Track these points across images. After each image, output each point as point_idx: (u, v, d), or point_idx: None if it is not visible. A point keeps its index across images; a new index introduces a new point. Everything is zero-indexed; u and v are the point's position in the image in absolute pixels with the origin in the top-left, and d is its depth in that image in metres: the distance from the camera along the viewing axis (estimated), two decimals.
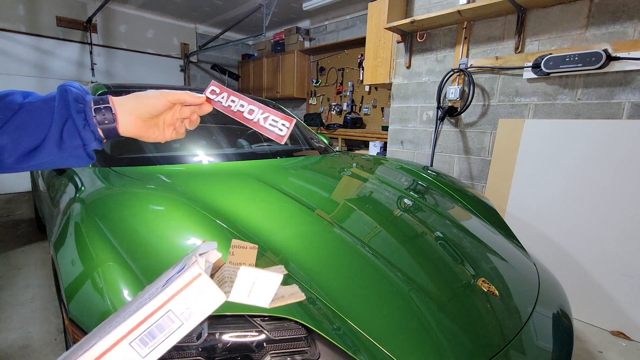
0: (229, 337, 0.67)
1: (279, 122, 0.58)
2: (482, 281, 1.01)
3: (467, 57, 2.60)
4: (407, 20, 2.65)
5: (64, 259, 0.87)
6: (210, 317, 0.69)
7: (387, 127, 3.33)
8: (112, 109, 0.55)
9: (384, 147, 3.83)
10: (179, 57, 6.01)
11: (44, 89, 4.50)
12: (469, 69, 2.56)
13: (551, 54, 2.12)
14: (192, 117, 0.61)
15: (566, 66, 2.06)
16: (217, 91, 0.61)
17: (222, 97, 0.60)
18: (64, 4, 4.78)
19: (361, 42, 4.41)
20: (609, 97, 2.02)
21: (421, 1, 2.86)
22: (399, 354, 0.71)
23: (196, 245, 0.84)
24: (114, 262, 0.76)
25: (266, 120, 0.59)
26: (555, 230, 2.10)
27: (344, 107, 5.26)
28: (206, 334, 0.66)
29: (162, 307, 0.37)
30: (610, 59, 1.94)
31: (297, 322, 0.71)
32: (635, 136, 1.83)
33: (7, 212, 3.84)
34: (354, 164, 1.85)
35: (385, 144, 3.78)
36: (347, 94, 5.15)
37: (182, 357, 0.65)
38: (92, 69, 5.10)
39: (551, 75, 2.17)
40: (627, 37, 1.93)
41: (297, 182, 1.41)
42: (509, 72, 2.39)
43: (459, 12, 2.36)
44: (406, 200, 1.44)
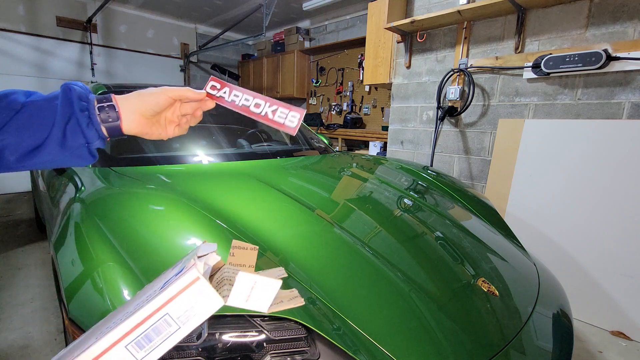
0: (229, 337, 0.67)
1: (288, 114, 0.57)
2: (482, 281, 1.01)
3: (467, 57, 2.60)
4: (407, 20, 2.65)
5: (64, 259, 0.87)
6: (210, 317, 0.69)
7: (387, 127, 3.33)
8: (115, 107, 0.54)
9: (384, 147, 3.83)
10: (179, 57, 6.01)
11: (44, 89, 4.49)
12: (469, 69, 2.56)
13: (551, 54, 2.12)
14: (195, 113, 0.61)
15: (566, 66, 2.06)
16: (218, 86, 0.60)
17: (224, 92, 0.60)
18: (64, 4, 4.78)
19: (361, 42, 4.41)
20: (609, 97, 2.02)
21: (421, 1, 2.86)
22: (399, 354, 0.71)
23: (196, 245, 0.84)
24: (114, 262, 0.76)
25: (275, 113, 0.58)
26: (555, 230, 2.10)
27: (344, 107, 5.26)
28: (206, 334, 0.66)
29: (159, 310, 0.36)
30: (610, 59, 1.94)
31: (297, 322, 0.71)
32: (635, 136, 1.83)
33: (7, 212, 3.84)
34: (354, 164, 1.85)
35: (385, 144, 3.78)
36: (347, 94, 5.15)
37: (182, 357, 0.65)
38: (92, 69, 5.10)
39: (551, 75, 2.17)
40: (627, 37, 1.93)
41: (297, 182, 1.41)
42: (509, 72, 2.39)
43: (459, 12, 2.36)
44: (406, 200, 1.44)
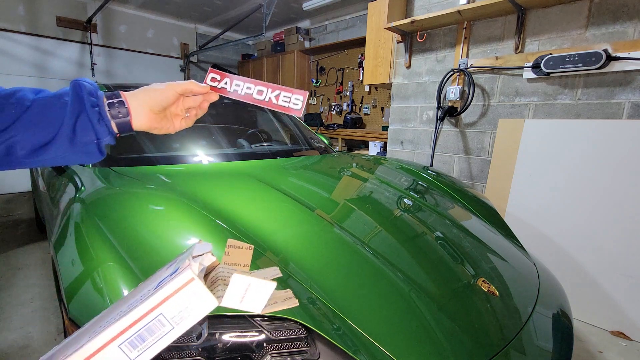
0: (229, 337, 0.67)
1: (292, 97, 0.59)
2: (482, 281, 1.01)
3: (467, 57, 2.60)
4: (407, 20, 2.65)
5: (64, 259, 0.87)
6: (210, 317, 0.69)
7: (387, 127, 3.33)
8: (124, 103, 0.55)
9: (384, 147, 3.83)
10: (179, 57, 6.01)
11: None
12: (469, 69, 2.56)
13: (551, 54, 2.12)
14: (202, 105, 0.62)
15: (566, 66, 2.05)
16: (218, 78, 0.60)
17: (226, 83, 0.60)
18: (64, 4, 4.78)
19: (361, 42, 4.41)
20: (609, 97, 2.02)
21: (421, 1, 2.86)
22: (399, 354, 0.71)
23: (195, 244, 0.84)
24: (114, 262, 0.76)
25: (278, 97, 0.59)
26: (555, 230, 2.10)
27: (344, 107, 5.26)
28: (206, 334, 0.66)
29: (153, 310, 0.36)
30: (610, 59, 1.94)
31: (297, 322, 0.71)
32: (635, 136, 1.83)
33: (7, 212, 3.84)
34: (354, 164, 1.85)
35: (385, 144, 3.78)
36: (347, 94, 5.15)
37: (182, 357, 0.65)
38: (92, 69, 5.10)
39: (551, 75, 2.17)
40: (627, 37, 1.93)
41: (297, 182, 1.41)
42: (509, 72, 2.39)
43: (459, 12, 2.36)
44: (406, 200, 1.44)
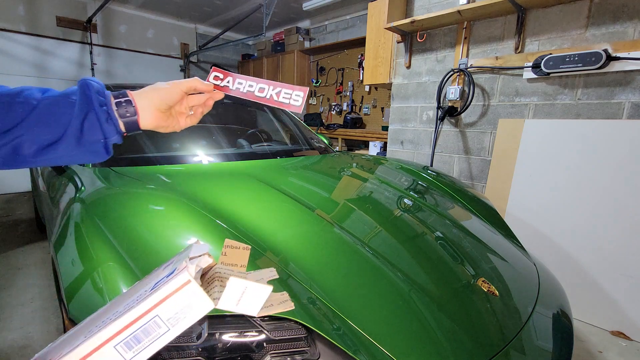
0: (229, 337, 0.67)
1: (292, 94, 0.61)
2: (482, 281, 1.01)
3: (467, 57, 2.60)
4: (407, 20, 2.65)
5: (64, 259, 0.87)
6: (210, 317, 0.69)
7: (387, 127, 3.33)
8: (132, 102, 0.55)
9: (384, 147, 3.83)
10: (179, 57, 6.01)
11: None
12: (469, 69, 2.56)
13: (551, 54, 2.12)
14: (207, 102, 0.63)
15: (566, 66, 2.05)
16: (221, 76, 0.62)
17: (228, 82, 0.62)
18: (64, 4, 4.78)
19: (361, 42, 4.41)
20: (609, 97, 2.02)
21: (421, 1, 2.86)
22: (399, 354, 0.71)
23: (197, 240, 0.84)
24: (114, 262, 0.76)
25: (279, 94, 0.61)
26: (555, 230, 2.10)
27: (344, 107, 5.26)
28: (206, 334, 0.66)
29: (149, 311, 0.36)
30: (610, 59, 1.94)
31: (297, 322, 0.71)
32: (635, 136, 1.83)
33: (7, 212, 3.84)
34: (354, 164, 1.85)
35: (385, 144, 3.78)
36: (347, 94, 5.15)
37: (182, 357, 0.65)
38: (92, 69, 5.10)
39: (551, 75, 2.17)
40: (627, 37, 1.93)
41: (297, 182, 1.41)
42: (509, 72, 2.39)
43: (459, 12, 2.36)
44: (406, 200, 1.44)
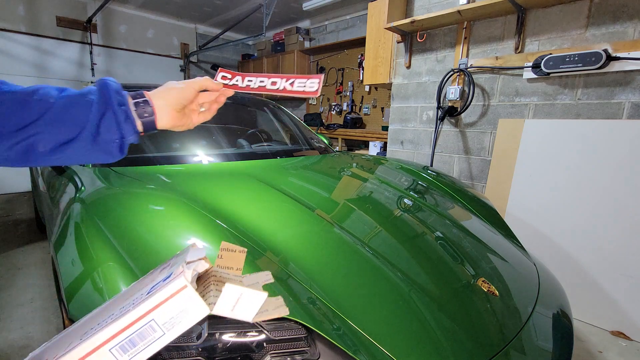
0: (229, 337, 0.67)
1: (307, 82, 0.64)
2: (482, 281, 1.01)
3: (467, 57, 2.60)
4: (407, 20, 2.65)
5: (64, 259, 0.87)
6: (210, 316, 0.69)
7: (387, 127, 3.33)
8: (149, 102, 0.55)
9: (384, 147, 3.82)
10: (179, 57, 6.01)
11: None
12: (469, 69, 2.56)
13: (551, 54, 2.12)
14: (219, 99, 0.64)
15: (566, 66, 2.05)
16: (229, 76, 0.64)
17: (237, 80, 0.64)
18: (64, 4, 4.77)
19: (361, 42, 4.41)
20: (609, 97, 2.02)
21: (421, 1, 2.86)
22: (399, 354, 0.71)
23: (194, 242, 0.84)
24: (114, 262, 0.76)
25: (293, 84, 0.64)
26: (555, 230, 2.10)
27: (344, 107, 5.26)
28: (206, 334, 0.66)
29: (145, 315, 0.37)
30: (610, 59, 1.94)
31: (297, 322, 0.71)
32: (635, 136, 1.82)
33: (7, 212, 3.84)
34: (354, 164, 1.85)
35: (385, 144, 3.77)
36: (347, 94, 5.15)
37: (182, 357, 0.65)
38: (92, 69, 5.09)
39: (551, 75, 2.17)
40: (627, 37, 1.93)
41: (297, 182, 1.41)
42: (509, 72, 2.39)
43: (459, 12, 2.36)
44: (406, 200, 1.44)
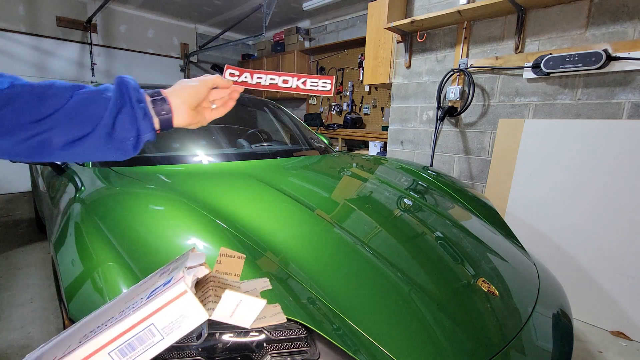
0: (229, 337, 0.67)
1: (319, 82, 0.65)
2: (482, 281, 1.01)
3: (467, 57, 2.60)
4: (407, 20, 2.65)
5: (64, 259, 0.87)
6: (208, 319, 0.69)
7: (387, 127, 3.33)
8: (166, 100, 0.55)
9: (384, 147, 3.82)
10: (179, 57, 6.01)
11: None
12: (469, 69, 2.56)
13: (551, 54, 2.12)
14: (232, 95, 0.64)
15: (566, 66, 2.05)
16: (237, 73, 0.64)
17: (246, 77, 0.65)
18: (64, 4, 4.77)
19: (361, 42, 4.41)
20: (609, 97, 2.02)
21: (421, 1, 2.86)
22: (399, 353, 0.71)
23: (194, 245, 0.83)
24: (114, 262, 0.76)
25: (305, 83, 0.65)
26: (555, 230, 2.10)
27: (344, 107, 5.26)
28: (206, 334, 0.66)
29: (144, 320, 0.37)
30: (610, 59, 1.94)
31: (297, 322, 0.71)
32: (635, 136, 1.82)
33: (7, 212, 3.84)
34: (354, 164, 1.85)
35: (385, 144, 3.77)
36: (347, 94, 5.15)
37: (182, 357, 0.65)
38: (92, 69, 5.09)
39: (551, 75, 2.17)
40: (627, 37, 1.93)
41: (297, 182, 1.41)
42: (509, 72, 2.39)
43: (459, 12, 2.36)
44: (406, 200, 1.44)
